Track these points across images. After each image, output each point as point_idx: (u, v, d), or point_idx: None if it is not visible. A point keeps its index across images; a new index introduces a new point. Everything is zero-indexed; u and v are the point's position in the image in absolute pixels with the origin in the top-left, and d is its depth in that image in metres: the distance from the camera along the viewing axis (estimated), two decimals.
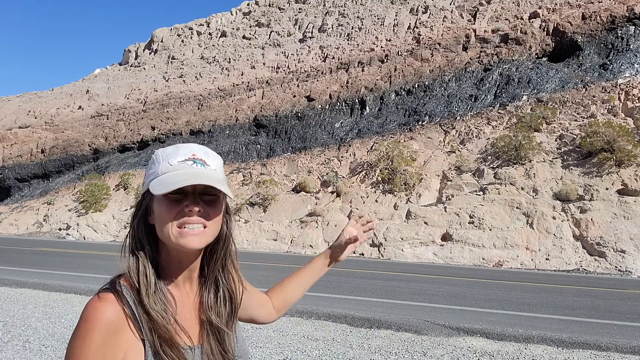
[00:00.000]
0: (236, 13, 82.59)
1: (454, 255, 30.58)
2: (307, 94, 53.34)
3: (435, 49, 51.29)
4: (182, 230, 2.15)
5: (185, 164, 2.21)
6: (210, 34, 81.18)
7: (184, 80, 68.79)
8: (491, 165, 36.68)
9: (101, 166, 59.31)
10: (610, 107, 37.88)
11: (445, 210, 33.40)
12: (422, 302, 15.67)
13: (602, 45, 43.46)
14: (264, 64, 64.53)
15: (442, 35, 52.81)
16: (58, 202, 53.45)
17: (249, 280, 2.94)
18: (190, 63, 74.87)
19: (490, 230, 31.12)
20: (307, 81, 56.11)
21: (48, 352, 9.72)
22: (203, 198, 2.20)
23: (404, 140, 42.45)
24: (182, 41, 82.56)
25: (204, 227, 2.21)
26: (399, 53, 53.41)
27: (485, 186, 34.67)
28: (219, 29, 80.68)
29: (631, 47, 41.80)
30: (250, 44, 71.99)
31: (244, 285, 2.67)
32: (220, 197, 2.28)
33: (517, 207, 32.06)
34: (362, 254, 32.52)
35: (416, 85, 48.29)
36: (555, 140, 37.02)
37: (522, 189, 33.60)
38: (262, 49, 68.98)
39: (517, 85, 43.06)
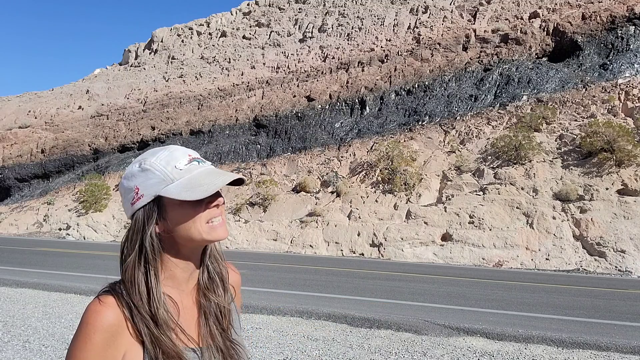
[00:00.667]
0: (236, 13, 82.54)
1: (454, 255, 30.60)
2: (307, 94, 53.33)
3: (435, 49, 51.31)
4: (210, 225, 2.23)
5: (192, 165, 2.25)
6: (210, 34, 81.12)
7: (184, 80, 68.74)
8: (491, 165, 36.69)
9: (101, 166, 59.26)
10: (610, 107, 37.90)
11: (445, 210, 33.42)
12: (422, 302, 15.69)
13: (602, 45, 43.48)
14: (264, 64, 64.53)
15: (442, 35, 52.82)
16: (58, 202, 53.44)
17: (251, 279, 2.96)
18: (190, 63, 74.80)
19: (490, 230, 31.14)
20: (307, 81, 56.12)
21: (48, 352, 9.73)
22: None
23: (404, 140, 42.47)
24: (182, 41, 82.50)
25: (221, 217, 2.28)
26: (399, 53, 53.42)
27: (485, 186, 34.69)
28: (219, 29, 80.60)
29: (631, 47, 41.82)
30: (250, 44, 71.95)
31: None
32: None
33: (517, 207, 32.07)
34: (362, 254, 32.56)
35: (416, 85, 48.29)
36: (555, 140, 37.04)
37: (522, 189, 33.62)
38: (262, 49, 68.93)
39: (517, 85, 43.08)
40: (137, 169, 2.27)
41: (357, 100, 49.90)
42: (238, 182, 2.27)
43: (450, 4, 58.18)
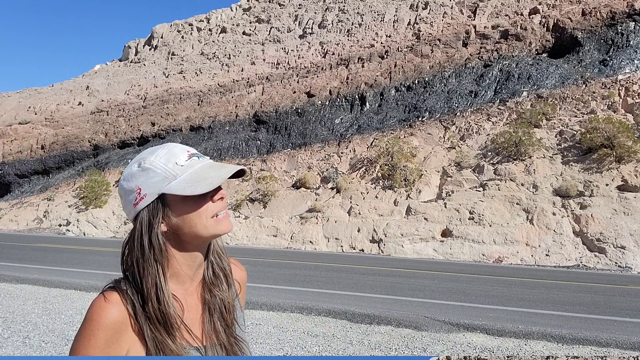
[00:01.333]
0: (236, 9, 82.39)
1: (454, 251, 30.60)
2: (307, 90, 53.28)
3: (435, 45, 51.26)
4: (216, 219, 2.24)
5: (193, 161, 2.26)
6: (210, 30, 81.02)
7: (184, 77, 68.67)
8: (491, 161, 36.68)
9: (101, 162, 59.22)
10: (610, 103, 37.90)
11: (445, 206, 33.42)
12: (422, 298, 15.70)
13: (602, 41, 43.44)
14: (264, 60, 64.44)
15: (442, 31, 52.77)
16: (58, 198, 53.44)
17: (251, 275, 2.97)
18: (190, 59, 74.67)
19: (490, 226, 31.15)
20: (307, 77, 56.06)
21: (48, 348, 9.74)
22: None
23: (404, 136, 42.43)
24: (182, 37, 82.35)
25: (225, 210, 2.31)
26: (399, 49, 53.36)
27: (485, 182, 34.68)
28: (219, 25, 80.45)
29: (631, 43, 41.79)
30: (250, 40, 71.85)
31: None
32: None
33: (517, 203, 32.07)
34: (362, 250, 32.57)
35: (416, 81, 48.25)
36: (555, 136, 37.03)
37: (522, 185, 33.61)
38: (262, 45, 68.80)
39: (517, 82, 43.04)
40: (137, 169, 2.25)
41: (357, 96, 49.87)
42: (240, 174, 2.28)
43: (450, 0, 58.13)
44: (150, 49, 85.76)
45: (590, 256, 28.06)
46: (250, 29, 74.74)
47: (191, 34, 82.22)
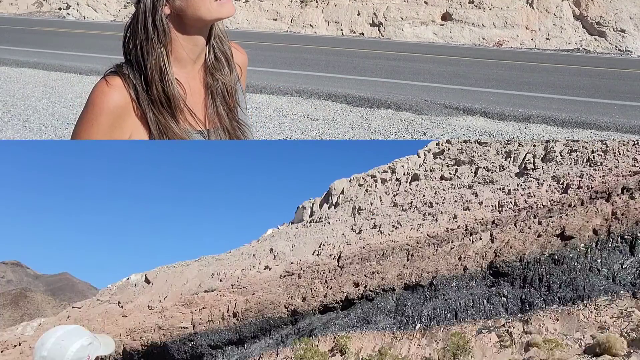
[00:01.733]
0: (424, 155, 76.96)
1: (454, 34, 30.49)
2: None
3: None
4: (220, 2, 2.24)
5: None
6: (397, 179, 76.34)
7: (380, 231, 65.66)
8: None
9: None
10: None
11: None
12: (422, 82, 15.74)
13: None
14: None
15: None
16: None
17: (251, 59, 2.96)
18: (382, 212, 71.25)
19: (490, 9, 30.87)
20: None
21: (48, 132, 9.82)
22: None
23: None
24: (367, 190, 77.67)
25: None
26: None
27: None
28: (408, 174, 75.83)
29: None
30: (452, 184, 67.83)
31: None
32: None
33: None
34: (362, 34, 32.43)
35: None
36: None
37: None
38: (469, 187, 65.08)
39: None
40: None
41: None
42: None
43: None
44: (329, 207, 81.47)
45: (590, 40, 28.03)
46: (450, 172, 70.45)
47: (375, 187, 77.67)
